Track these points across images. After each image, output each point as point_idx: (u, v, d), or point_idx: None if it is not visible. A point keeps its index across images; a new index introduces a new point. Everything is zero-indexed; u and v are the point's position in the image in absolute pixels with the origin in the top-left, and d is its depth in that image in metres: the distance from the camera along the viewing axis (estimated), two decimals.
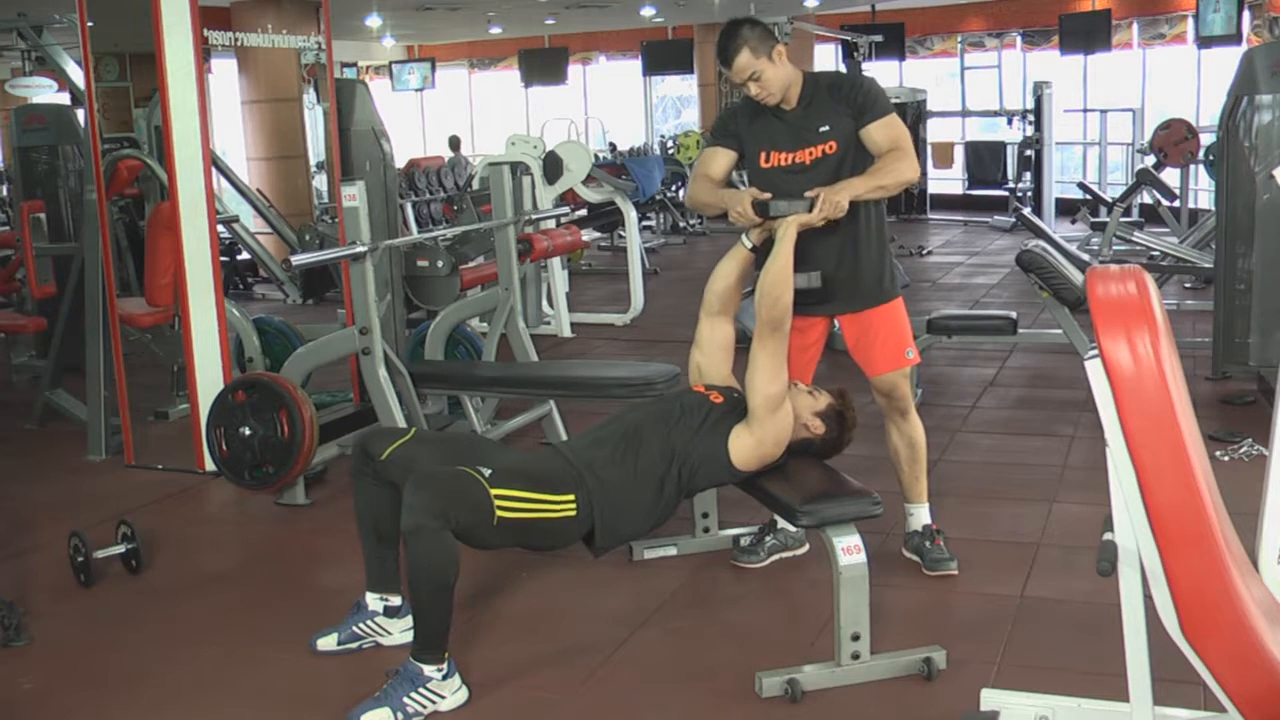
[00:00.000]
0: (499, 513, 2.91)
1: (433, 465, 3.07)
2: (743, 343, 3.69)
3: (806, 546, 3.91)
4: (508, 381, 5.13)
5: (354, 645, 3.30)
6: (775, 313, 3.29)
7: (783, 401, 3.28)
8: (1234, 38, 10.97)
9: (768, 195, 3.48)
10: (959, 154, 15.27)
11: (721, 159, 3.72)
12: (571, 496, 3.05)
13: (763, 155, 3.64)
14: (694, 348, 3.64)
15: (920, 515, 3.83)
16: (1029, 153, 13.22)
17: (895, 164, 3.51)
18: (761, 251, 3.51)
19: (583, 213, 9.78)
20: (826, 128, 3.56)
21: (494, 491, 2.92)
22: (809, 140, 3.58)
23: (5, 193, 9.59)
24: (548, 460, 3.22)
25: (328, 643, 3.30)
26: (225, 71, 11.01)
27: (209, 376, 4.92)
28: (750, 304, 3.82)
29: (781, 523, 3.83)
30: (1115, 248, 9.39)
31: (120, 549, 3.90)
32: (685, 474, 3.22)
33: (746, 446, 3.25)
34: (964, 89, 16.39)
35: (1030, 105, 13.50)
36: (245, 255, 10.01)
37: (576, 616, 3.56)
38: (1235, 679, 1.89)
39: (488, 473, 2.97)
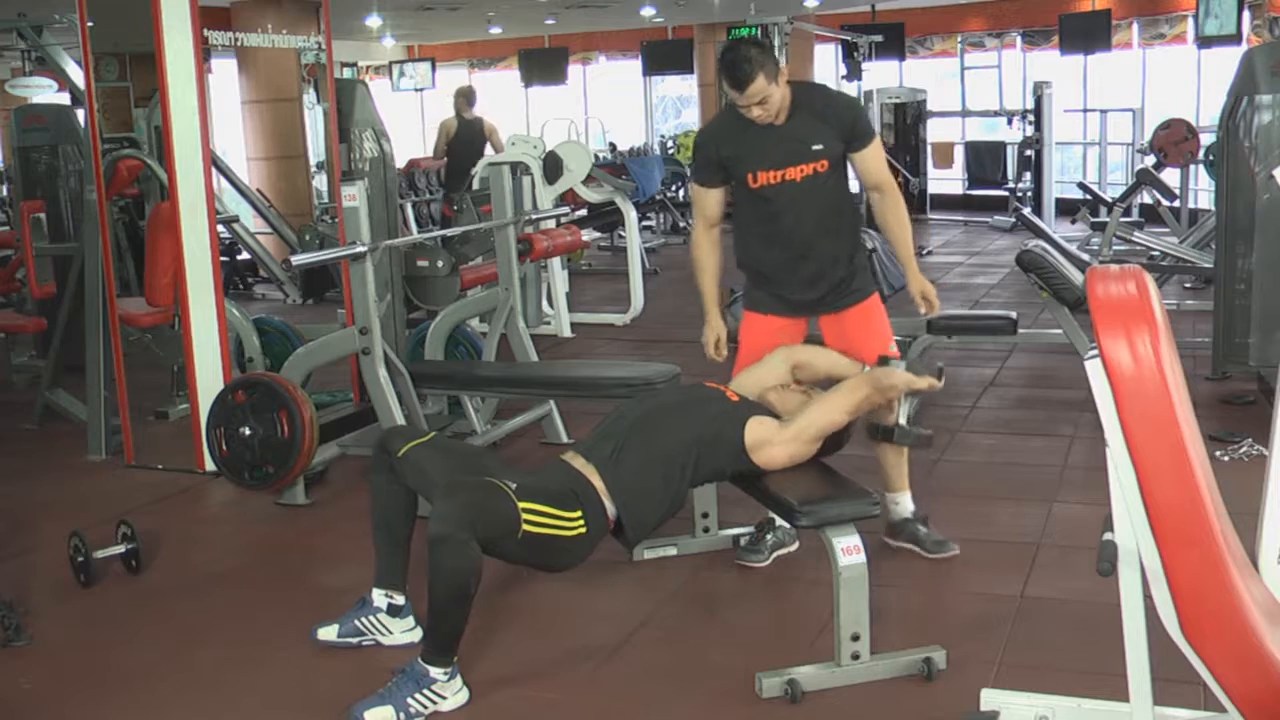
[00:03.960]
0: (525, 526, 2.93)
1: (445, 474, 3.10)
2: (732, 342, 3.83)
3: (798, 544, 3.93)
4: (508, 381, 5.13)
5: (353, 640, 3.31)
6: (878, 394, 3.38)
7: (822, 437, 3.32)
8: (1234, 38, 10.96)
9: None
10: (959, 154, 15.25)
11: (714, 199, 3.81)
12: (580, 514, 3.07)
13: (750, 176, 3.67)
14: (761, 367, 3.63)
15: (905, 502, 3.89)
16: (1029, 153, 13.21)
17: (903, 225, 3.78)
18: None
19: (583, 213, 9.78)
20: (820, 146, 3.62)
21: (521, 505, 2.93)
22: (801, 156, 3.61)
23: (5, 193, 9.59)
24: (552, 478, 3.22)
25: (328, 633, 3.31)
26: (225, 71, 11.00)
27: (209, 376, 4.92)
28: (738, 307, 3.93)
29: (778, 519, 3.84)
30: (1115, 248, 9.38)
31: (120, 549, 3.90)
32: (696, 454, 3.24)
33: (764, 435, 3.27)
34: (964, 89, 16.38)
35: (1030, 105, 13.49)
36: (245, 255, 10.01)
37: (576, 616, 3.56)
38: (1235, 679, 1.89)
39: (514, 485, 2.98)
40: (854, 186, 4.13)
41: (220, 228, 7.08)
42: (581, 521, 3.07)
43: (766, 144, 3.62)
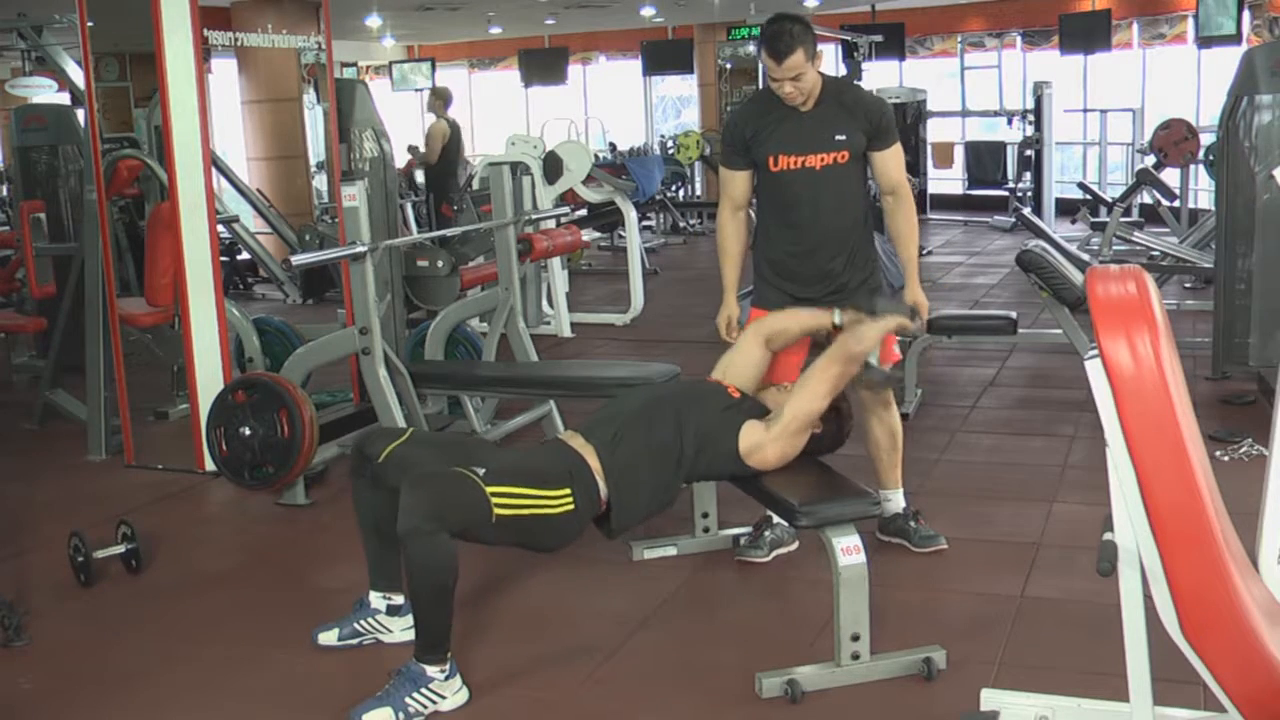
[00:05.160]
0: (497, 511, 2.91)
1: (429, 467, 3.08)
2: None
3: (797, 543, 3.93)
4: (508, 381, 5.13)
5: (354, 641, 3.31)
6: (851, 365, 3.34)
7: (808, 427, 3.31)
8: (1234, 38, 10.96)
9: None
10: (959, 154, 15.25)
11: (741, 181, 3.82)
12: (567, 490, 3.05)
13: (771, 159, 3.70)
14: (735, 349, 3.65)
15: (897, 499, 3.93)
16: (1029, 153, 13.21)
17: (912, 230, 3.85)
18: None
19: (583, 213, 9.78)
20: (843, 137, 3.64)
21: (490, 489, 2.92)
22: (823, 144, 3.64)
23: (5, 193, 9.59)
24: (542, 456, 3.23)
25: (329, 637, 3.31)
26: (225, 71, 10.99)
27: (209, 376, 4.92)
28: (746, 303, 3.91)
29: (776, 517, 3.85)
30: (1115, 248, 9.39)
31: (120, 549, 3.90)
32: (692, 451, 3.25)
33: (756, 440, 3.27)
34: (964, 89, 16.38)
35: (1030, 105, 13.49)
36: (245, 255, 10.01)
37: (576, 616, 3.56)
38: (1235, 679, 1.89)
39: (482, 471, 2.97)
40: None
41: (220, 228, 7.08)
42: (569, 498, 3.04)
43: (791, 128, 3.65)
